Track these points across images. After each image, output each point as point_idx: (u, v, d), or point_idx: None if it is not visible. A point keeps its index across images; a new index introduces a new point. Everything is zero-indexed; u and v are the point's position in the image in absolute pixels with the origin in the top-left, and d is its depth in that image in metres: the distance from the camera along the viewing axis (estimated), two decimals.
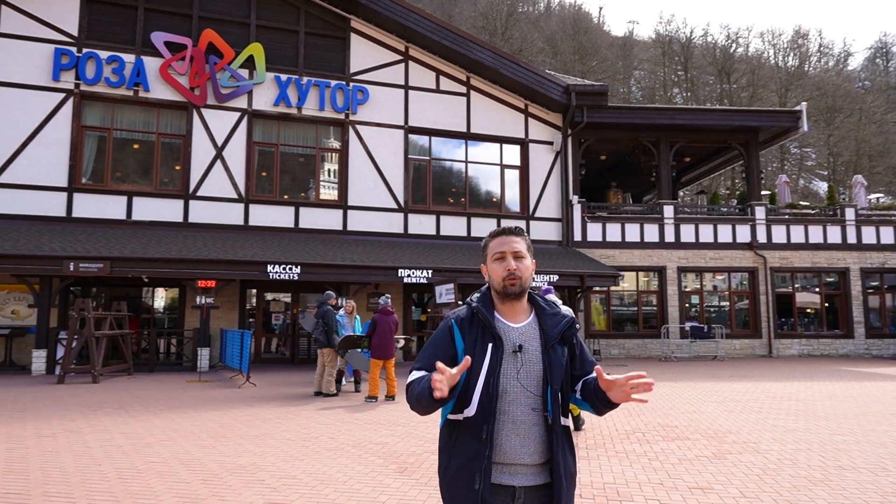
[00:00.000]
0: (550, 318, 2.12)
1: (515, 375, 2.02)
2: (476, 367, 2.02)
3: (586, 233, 20.07)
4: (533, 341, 2.07)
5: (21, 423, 7.93)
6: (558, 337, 2.08)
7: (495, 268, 2.13)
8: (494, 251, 2.16)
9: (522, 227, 2.26)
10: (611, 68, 56.44)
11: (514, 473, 2.01)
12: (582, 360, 2.15)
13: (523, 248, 2.16)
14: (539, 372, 2.04)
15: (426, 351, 2.13)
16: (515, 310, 2.13)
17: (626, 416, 8.67)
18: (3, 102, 15.31)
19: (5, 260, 13.07)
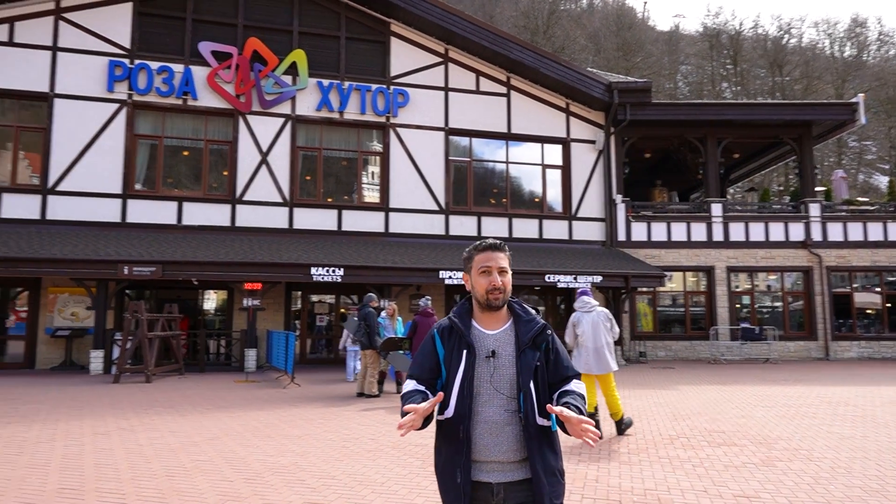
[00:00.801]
0: (525, 324, 2.26)
1: (489, 379, 2.18)
2: (453, 371, 2.20)
3: (630, 233, 19.70)
4: (507, 347, 2.23)
5: (78, 421, 8.29)
6: (530, 342, 2.21)
7: (480, 281, 2.27)
8: (480, 265, 2.29)
9: (505, 243, 2.37)
10: (656, 64, 55.31)
11: (490, 471, 2.16)
12: (556, 366, 2.26)
13: (506, 263, 2.31)
14: (512, 375, 2.18)
15: (416, 359, 2.33)
16: (494, 318, 2.29)
17: (671, 421, 8.47)
18: (62, 114, 16.04)
19: (65, 264, 13.69)
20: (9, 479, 5.43)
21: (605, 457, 6.43)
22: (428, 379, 2.27)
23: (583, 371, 7.52)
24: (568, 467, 5.96)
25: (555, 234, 19.30)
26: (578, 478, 5.58)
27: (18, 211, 15.52)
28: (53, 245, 14.27)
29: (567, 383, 2.27)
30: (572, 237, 19.40)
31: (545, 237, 19.18)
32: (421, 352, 2.33)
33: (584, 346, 7.54)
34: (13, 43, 15.94)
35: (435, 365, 2.27)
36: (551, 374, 2.25)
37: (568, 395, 2.21)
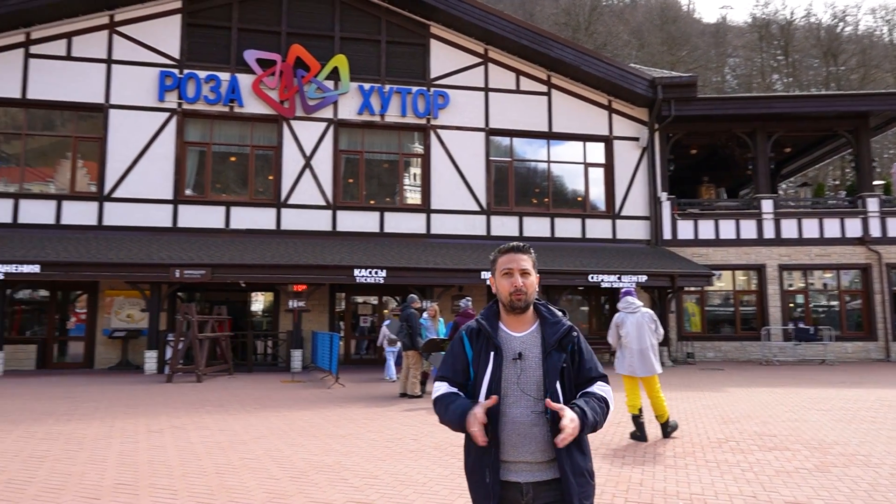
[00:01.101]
0: (550, 326, 2.27)
1: (515, 381, 2.20)
2: (481, 373, 2.24)
3: (676, 231, 19.28)
4: (534, 349, 2.24)
5: (133, 419, 8.62)
6: (556, 344, 2.23)
7: (503, 283, 2.30)
8: (502, 267, 2.32)
9: (529, 245, 2.39)
10: (702, 57, 53.94)
11: (518, 471, 2.18)
12: (580, 367, 2.27)
13: (529, 265, 2.32)
14: (539, 377, 2.21)
15: (446, 361, 2.35)
16: (520, 320, 2.30)
17: (719, 424, 8.25)
18: (117, 124, 16.70)
19: (121, 268, 14.26)
20: (69, 475, 5.69)
21: (650, 460, 6.32)
22: (459, 381, 2.29)
23: (626, 373, 7.41)
24: (611, 470, 5.88)
25: (598, 234, 19.04)
26: (622, 481, 5.50)
27: (77, 217, 16.23)
28: (110, 250, 14.87)
29: (590, 385, 2.27)
30: (616, 236, 19.11)
31: (588, 237, 18.94)
32: (450, 353, 2.35)
33: (628, 348, 7.41)
34: (71, 57, 16.68)
35: (465, 367, 2.29)
36: (576, 375, 2.26)
37: (584, 396, 2.22)
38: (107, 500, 4.94)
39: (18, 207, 16.00)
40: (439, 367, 2.36)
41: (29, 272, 13.76)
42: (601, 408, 2.21)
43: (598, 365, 2.32)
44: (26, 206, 16.06)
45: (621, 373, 7.48)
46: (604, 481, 5.48)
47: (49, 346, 16.38)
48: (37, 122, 16.89)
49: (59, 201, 16.23)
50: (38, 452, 6.56)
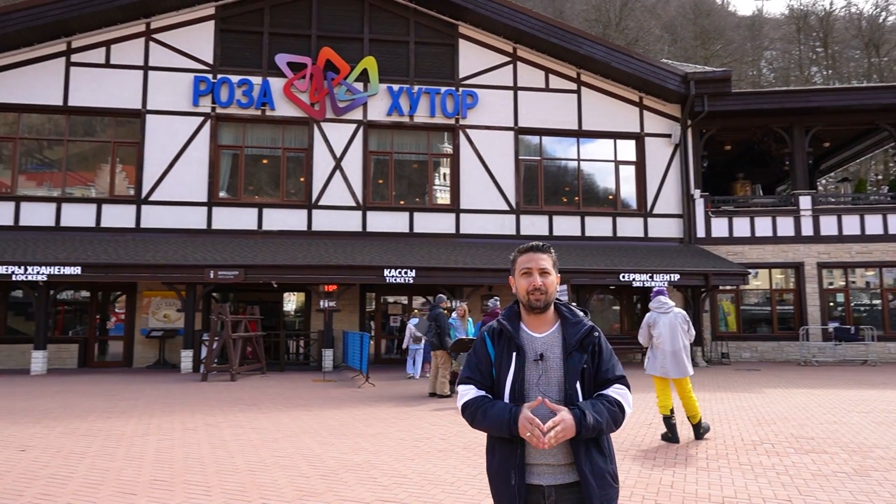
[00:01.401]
0: (571, 326, 2.25)
1: (536, 382, 2.19)
2: (503, 374, 2.23)
3: (710, 228, 18.91)
4: (555, 349, 2.23)
5: (170, 417, 8.83)
6: (577, 344, 2.21)
7: (521, 282, 2.28)
8: (522, 266, 2.30)
9: (549, 245, 2.37)
10: (737, 51, 52.79)
11: (541, 473, 2.17)
12: (598, 368, 2.24)
13: (549, 264, 2.29)
14: (559, 378, 2.20)
15: (470, 363, 2.33)
16: (541, 321, 2.28)
17: (754, 426, 8.07)
18: (153, 129, 17.12)
19: (158, 269, 14.63)
20: (108, 470, 5.86)
21: (682, 462, 6.22)
22: (487, 383, 2.27)
23: (658, 374, 7.30)
24: (641, 471, 5.81)
25: (629, 232, 18.80)
26: (652, 483, 5.43)
27: (116, 220, 16.69)
28: (147, 251, 15.27)
29: (607, 386, 2.22)
30: (648, 234, 18.84)
31: (619, 235, 18.72)
32: (474, 355, 2.33)
33: (660, 349, 7.30)
34: (109, 65, 17.16)
35: (489, 368, 2.28)
36: (595, 376, 2.23)
37: (597, 398, 2.18)
38: (143, 495, 5.08)
39: (61, 211, 16.53)
40: (463, 369, 2.34)
41: (70, 274, 14.21)
42: (610, 411, 2.15)
43: (617, 366, 2.27)
44: (68, 209, 16.58)
45: (652, 374, 7.38)
46: (633, 483, 5.42)
47: (90, 345, 16.90)
48: (78, 128, 17.42)
49: (99, 205, 16.72)
50: (79, 448, 6.77)
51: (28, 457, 6.39)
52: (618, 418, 2.17)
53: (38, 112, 17.01)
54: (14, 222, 16.25)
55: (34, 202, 16.50)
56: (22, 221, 16.29)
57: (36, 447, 6.84)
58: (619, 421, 2.18)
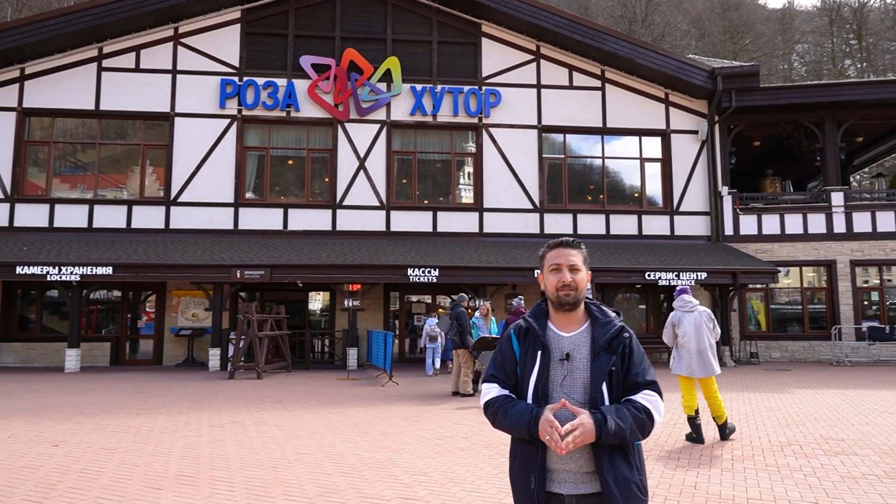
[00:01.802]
0: (601, 326, 2.15)
1: (560, 383, 2.10)
2: (527, 373, 2.15)
3: (738, 226, 18.59)
4: (582, 350, 2.13)
5: (197, 414, 9.00)
6: (605, 345, 2.11)
7: (550, 279, 2.20)
8: (551, 262, 2.22)
9: (579, 241, 2.27)
10: (767, 45, 51.74)
11: (561, 481, 2.07)
12: (627, 371, 2.12)
13: (579, 260, 2.21)
14: (585, 380, 2.09)
15: (495, 361, 2.27)
16: (569, 319, 2.19)
17: (782, 427, 7.92)
18: (182, 131, 17.45)
19: (186, 269, 14.91)
20: (136, 465, 6.00)
21: (706, 463, 6.14)
22: (511, 382, 2.20)
23: (684, 374, 7.21)
24: (664, 472, 5.75)
25: (655, 230, 18.58)
26: (675, 483, 5.37)
27: (146, 221, 17.05)
28: (176, 252, 15.57)
29: (635, 391, 2.10)
30: (674, 232, 18.59)
31: (645, 233, 18.51)
32: (499, 353, 2.26)
33: (685, 348, 7.21)
34: (139, 69, 17.53)
35: (514, 367, 2.20)
36: (623, 379, 2.11)
37: (624, 403, 2.06)
38: (169, 490, 5.19)
39: (93, 213, 16.94)
40: (488, 367, 2.28)
41: (102, 274, 14.58)
42: (636, 417, 2.02)
43: (648, 370, 2.14)
44: (100, 211, 16.99)
45: (678, 373, 7.29)
46: (656, 483, 5.36)
47: (122, 343, 17.30)
48: (109, 132, 17.84)
49: (130, 206, 17.10)
50: (110, 444, 6.95)
51: (61, 451, 6.57)
52: (645, 426, 2.04)
53: (71, 116, 17.46)
54: (49, 224, 16.72)
55: (68, 204, 16.95)
56: (56, 223, 16.75)
57: (69, 442, 7.03)
58: (647, 429, 2.05)
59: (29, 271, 14.39)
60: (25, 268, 14.36)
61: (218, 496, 5.01)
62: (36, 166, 17.46)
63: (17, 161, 16.84)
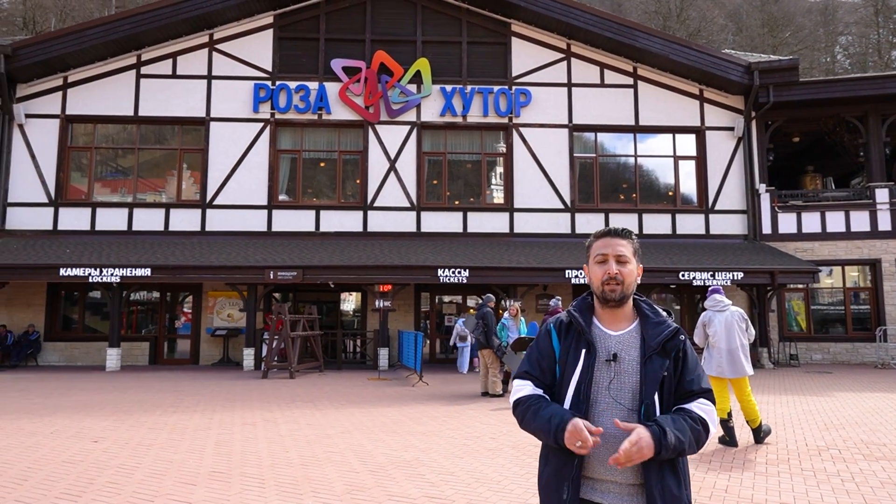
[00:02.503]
0: (653, 326, 1.98)
1: (607, 386, 1.93)
2: (568, 373, 1.97)
3: (777, 224, 18.11)
4: (631, 351, 1.96)
5: (230, 412, 9.18)
6: (658, 347, 1.93)
7: (596, 271, 2.03)
8: (596, 252, 2.06)
9: (630, 230, 2.10)
10: (809, 38, 50.30)
11: (604, 491, 1.92)
12: (681, 377, 1.96)
13: (628, 251, 2.03)
14: (634, 384, 1.92)
15: (530, 357, 2.10)
16: (616, 316, 2.02)
17: (821, 431, 7.69)
18: (217, 136, 17.82)
19: (221, 270, 15.22)
20: (171, 462, 6.16)
21: (739, 466, 6.00)
22: (546, 381, 2.03)
23: (714, 374, 7.07)
24: (695, 474, 5.64)
25: (690, 229, 18.23)
26: (706, 486, 5.27)
27: (183, 224, 17.47)
28: (211, 253, 15.91)
29: (690, 400, 1.94)
30: (709, 231, 18.21)
31: (679, 232, 18.18)
32: (536, 348, 2.09)
33: (715, 348, 7.09)
34: (176, 75, 17.98)
35: (552, 365, 2.03)
36: (676, 386, 1.95)
37: (678, 413, 1.91)
38: (202, 485, 5.31)
39: (133, 216, 17.44)
40: (522, 363, 2.10)
41: (141, 275, 14.99)
42: (694, 430, 1.86)
43: (703, 377, 1.98)
44: (139, 214, 17.48)
45: (709, 374, 7.14)
46: None
47: (160, 343, 17.75)
48: (148, 137, 18.34)
49: (167, 209, 17.54)
50: (146, 441, 7.14)
51: (100, 447, 6.78)
52: (701, 439, 1.89)
53: (111, 122, 18.00)
54: (90, 227, 17.26)
55: (108, 208, 17.48)
56: (97, 226, 17.28)
57: (107, 439, 7.25)
58: (703, 442, 1.91)
59: (71, 273, 14.88)
60: (68, 269, 14.86)
61: (248, 492, 5.11)
62: (78, 171, 18.05)
63: (60, 166, 17.43)
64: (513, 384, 2.09)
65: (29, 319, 17.08)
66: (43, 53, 16.96)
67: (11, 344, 16.43)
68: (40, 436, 7.42)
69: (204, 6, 17.35)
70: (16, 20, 42.53)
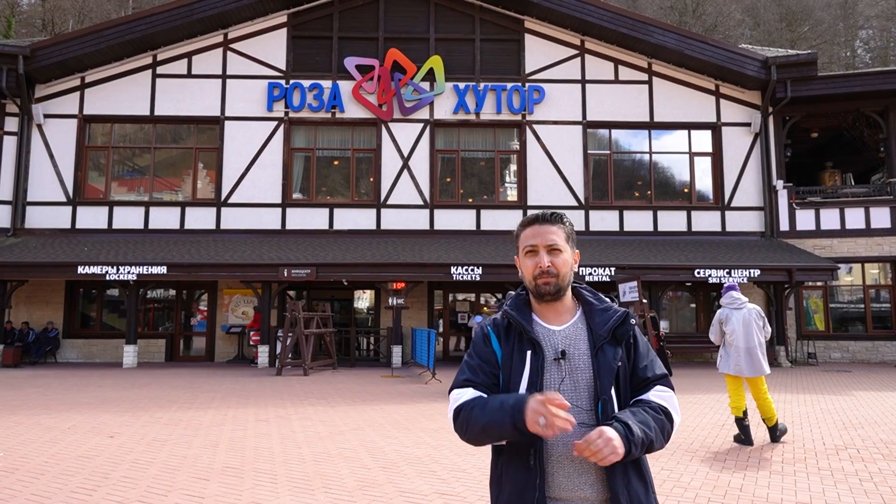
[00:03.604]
0: (600, 313, 1.78)
1: (557, 388, 1.70)
2: (515, 379, 1.74)
3: (794, 221, 17.86)
4: (580, 344, 1.75)
5: (244, 409, 9.24)
6: (608, 335, 1.74)
7: (527, 263, 1.82)
8: (526, 244, 1.83)
9: (561, 213, 1.86)
10: (828, 32, 49.55)
11: None
12: (634, 365, 1.77)
13: (561, 239, 1.81)
14: (588, 380, 1.71)
15: (468, 367, 1.81)
16: (557, 310, 1.81)
17: (839, 430, 7.57)
18: (231, 134, 17.94)
19: (235, 268, 15.33)
20: (185, 457, 6.20)
21: (754, 465, 5.92)
22: (490, 388, 1.76)
23: (732, 373, 6.98)
24: (709, 473, 5.58)
25: (705, 226, 18.04)
26: (720, 486, 5.20)
27: (198, 222, 17.61)
28: (226, 251, 16.02)
29: (647, 389, 1.76)
30: (725, 229, 18.01)
31: (694, 230, 18.00)
32: (475, 356, 1.81)
33: (733, 346, 6.99)
34: (191, 75, 18.12)
35: (495, 371, 1.78)
36: (630, 375, 1.77)
37: (636, 405, 1.72)
38: (215, 481, 5.34)
39: (149, 214, 17.62)
40: (458, 373, 1.82)
41: (157, 273, 15.14)
42: (658, 420, 1.68)
43: (657, 362, 1.80)
44: (155, 213, 17.65)
45: (725, 372, 7.07)
46: (699, 485, 5.21)
47: (176, 340, 17.92)
48: (164, 136, 18.51)
49: (183, 208, 17.70)
50: (161, 436, 7.20)
51: (115, 443, 6.85)
52: (666, 429, 1.70)
53: (128, 122, 18.19)
54: (108, 226, 17.46)
55: (125, 206, 17.68)
56: (115, 225, 17.48)
57: (123, 434, 7.33)
58: (669, 433, 1.72)
59: (89, 271, 15.07)
60: (86, 268, 15.05)
61: (260, 488, 5.13)
62: (96, 170, 18.26)
63: (78, 166, 17.65)
64: (450, 396, 1.79)
65: (48, 317, 17.33)
66: (61, 54, 17.17)
67: (32, 341, 16.67)
68: (58, 431, 7.52)
69: (218, 6, 17.47)
70: (35, 22, 43.15)
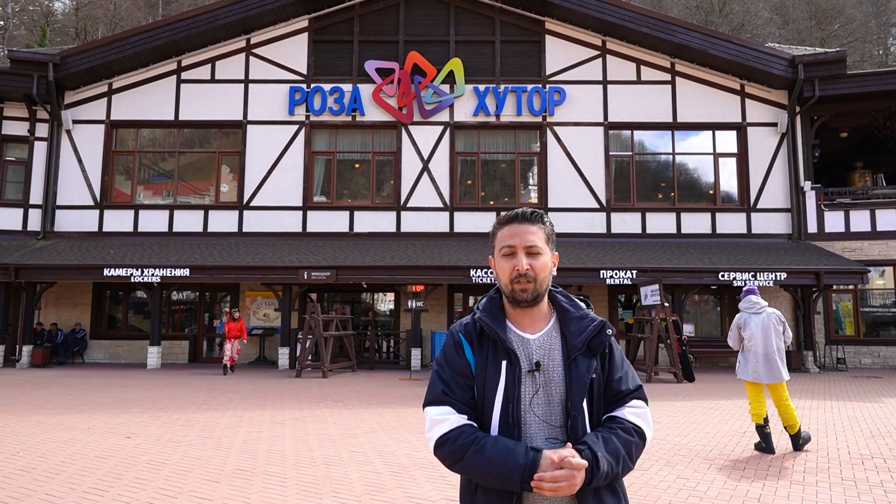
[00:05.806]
0: (575, 322, 1.67)
1: (529, 402, 1.61)
2: (489, 391, 1.62)
3: (823, 223, 17.42)
4: (553, 355, 1.64)
5: (261, 411, 9.30)
6: (583, 346, 1.63)
7: (503, 266, 1.69)
8: (502, 244, 1.71)
9: (541, 212, 1.75)
10: (859, 29, 48.40)
11: None
12: (609, 378, 1.66)
13: (540, 240, 1.69)
14: (562, 394, 1.61)
15: (440, 379, 1.69)
16: (532, 316, 1.69)
17: (865, 439, 7.33)
18: (253, 138, 18.14)
19: (257, 271, 15.48)
20: (198, 459, 6.25)
21: (774, 474, 5.75)
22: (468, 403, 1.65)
23: (750, 379, 6.81)
24: (726, 482, 5.43)
25: (730, 228, 17.69)
26: (737, 495, 5.06)
27: (221, 225, 17.83)
28: (248, 254, 16.19)
29: (620, 404, 1.66)
30: (751, 231, 17.64)
31: (719, 232, 17.66)
32: (446, 365, 1.69)
33: (751, 352, 6.81)
34: (214, 80, 18.38)
35: (470, 383, 1.66)
36: (605, 388, 1.67)
37: (607, 423, 1.63)
38: (225, 483, 5.36)
39: (173, 218, 17.89)
40: (432, 385, 1.71)
41: (180, 276, 15.35)
42: (628, 445, 1.58)
43: (631, 374, 1.70)
44: (179, 216, 17.91)
45: (744, 378, 6.89)
46: (716, 494, 5.07)
47: (199, 342, 18.16)
48: (190, 140, 18.80)
49: (206, 211, 17.93)
50: (177, 437, 7.27)
51: (131, 443, 6.94)
52: (634, 453, 1.60)
53: (153, 127, 18.52)
54: (133, 229, 17.78)
55: (150, 210, 17.98)
56: (140, 228, 17.79)
57: (140, 435, 7.42)
58: (638, 455, 1.61)
59: (115, 273, 15.35)
60: (112, 270, 15.33)
61: (269, 491, 5.14)
62: (122, 175, 18.61)
63: (105, 170, 18.00)
64: (426, 413, 1.67)
65: (76, 318, 17.69)
66: (89, 61, 17.55)
67: (60, 342, 17.04)
68: (77, 431, 7.64)
69: (241, 12, 17.69)
70: (69, 30, 44.28)
